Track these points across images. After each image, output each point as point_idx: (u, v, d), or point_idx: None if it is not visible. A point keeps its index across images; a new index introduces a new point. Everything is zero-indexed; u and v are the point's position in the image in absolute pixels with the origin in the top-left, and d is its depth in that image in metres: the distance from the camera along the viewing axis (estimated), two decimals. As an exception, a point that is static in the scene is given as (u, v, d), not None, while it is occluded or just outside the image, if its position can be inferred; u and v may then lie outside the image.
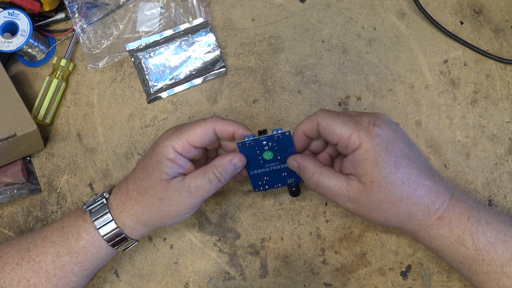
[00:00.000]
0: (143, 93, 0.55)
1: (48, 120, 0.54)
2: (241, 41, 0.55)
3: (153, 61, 0.55)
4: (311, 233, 0.52)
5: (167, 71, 0.55)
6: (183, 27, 0.54)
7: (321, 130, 0.42)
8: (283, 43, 0.55)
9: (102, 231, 0.44)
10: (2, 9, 0.52)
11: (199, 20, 0.54)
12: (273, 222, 0.52)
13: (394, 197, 0.41)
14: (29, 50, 0.54)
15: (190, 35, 0.55)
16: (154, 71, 0.55)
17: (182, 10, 0.55)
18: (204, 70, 0.55)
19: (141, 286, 0.52)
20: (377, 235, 0.52)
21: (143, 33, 0.55)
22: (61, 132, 0.55)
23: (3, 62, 0.52)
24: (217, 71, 0.54)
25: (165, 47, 0.55)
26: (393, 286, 0.51)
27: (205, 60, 0.55)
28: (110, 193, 0.46)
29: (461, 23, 0.55)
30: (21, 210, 0.54)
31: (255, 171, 0.46)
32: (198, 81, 0.54)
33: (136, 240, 0.47)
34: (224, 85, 0.55)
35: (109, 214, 0.44)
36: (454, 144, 0.53)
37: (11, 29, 0.52)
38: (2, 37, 0.51)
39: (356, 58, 0.54)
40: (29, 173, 0.53)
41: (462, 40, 0.54)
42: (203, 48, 0.55)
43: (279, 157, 0.45)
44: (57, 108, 0.55)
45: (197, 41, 0.55)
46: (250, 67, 0.55)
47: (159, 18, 0.55)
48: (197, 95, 0.55)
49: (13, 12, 0.52)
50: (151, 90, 0.55)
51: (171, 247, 0.52)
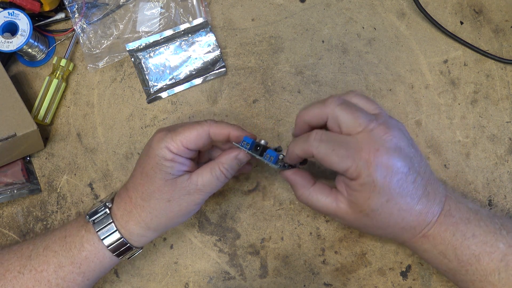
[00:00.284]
0: (143, 93, 0.55)
1: (48, 120, 0.54)
2: (241, 41, 0.55)
3: (153, 61, 0.55)
4: (311, 233, 0.52)
5: (167, 71, 0.55)
6: (183, 27, 0.54)
7: (317, 159, 0.41)
8: (283, 43, 0.55)
9: (107, 242, 0.44)
10: (2, 9, 0.52)
11: (199, 20, 0.54)
12: (273, 222, 0.52)
13: (381, 224, 0.41)
14: (29, 50, 0.54)
15: (190, 35, 0.55)
16: (154, 71, 0.55)
17: (182, 10, 0.55)
18: (204, 70, 0.55)
19: (141, 286, 0.52)
20: (377, 235, 0.52)
21: (143, 33, 0.55)
22: (61, 132, 0.55)
23: (3, 62, 0.51)
24: (217, 71, 0.54)
25: (165, 47, 0.55)
26: (393, 286, 0.51)
27: (205, 60, 0.55)
28: (112, 202, 0.45)
29: (461, 23, 0.55)
30: (21, 210, 0.54)
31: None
32: (198, 81, 0.54)
33: (141, 248, 0.46)
34: (224, 85, 0.55)
35: (113, 224, 0.44)
36: (454, 144, 0.53)
37: (11, 29, 0.52)
38: (2, 37, 0.51)
39: (356, 58, 0.54)
40: (29, 173, 0.53)
41: (462, 40, 0.54)
42: (203, 48, 0.55)
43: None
44: (57, 108, 0.55)
45: (197, 41, 0.55)
46: (250, 67, 0.55)
47: (159, 18, 0.55)
48: (197, 95, 0.55)
49: (13, 12, 0.52)
50: (151, 90, 0.55)
51: (171, 247, 0.52)
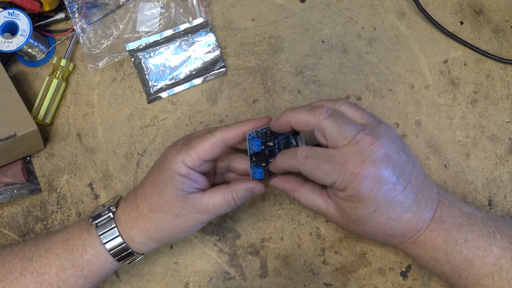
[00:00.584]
0: (143, 93, 0.55)
1: (48, 120, 0.54)
2: (241, 41, 0.55)
3: (153, 61, 0.55)
4: (311, 233, 0.52)
5: (167, 71, 0.55)
6: (183, 27, 0.54)
7: (304, 174, 0.41)
8: (283, 43, 0.55)
9: (108, 246, 0.43)
10: (2, 9, 0.52)
11: (199, 20, 0.54)
12: (273, 222, 0.52)
13: (370, 231, 0.42)
14: (29, 50, 0.54)
15: (190, 35, 0.55)
16: (154, 71, 0.55)
17: (182, 10, 0.55)
18: (204, 70, 0.55)
19: (141, 286, 0.52)
20: (377, 235, 0.52)
21: (143, 33, 0.55)
22: (61, 132, 0.55)
23: (3, 62, 0.51)
24: (217, 71, 0.54)
25: (165, 47, 0.55)
26: (393, 286, 0.51)
27: (205, 60, 0.55)
28: (117, 206, 0.45)
29: (461, 23, 0.55)
30: (21, 210, 0.54)
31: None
32: (198, 81, 0.54)
33: (142, 254, 0.46)
34: (224, 85, 0.55)
35: (116, 229, 0.44)
36: (454, 144, 0.53)
37: (11, 29, 0.52)
38: (2, 37, 0.51)
39: (356, 58, 0.54)
40: (29, 173, 0.53)
41: (462, 40, 0.54)
42: (203, 48, 0.55)
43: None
44: (57, 108, 0.55)
45: (197, 41, 0.55)
46: (250, 67, 0.55)
47: (159, 18, 0.55)
48: (197, 95, 0.55)
49: (13, 12, 0.52)
50: (151, 90, 0.54)
51: (171, 247, 0.52)
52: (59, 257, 0.43)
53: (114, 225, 0.44)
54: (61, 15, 0.56)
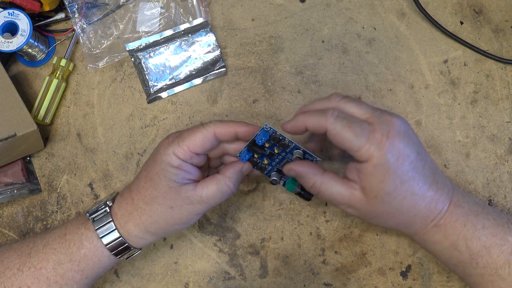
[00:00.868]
0: (143, 93, 0.55)
1: (48, 120, 0.54)
2: (241, 41, 0.55)
3: (153, 61, 0.55)
4: (311, 233, 0.52)
5: (167, 71, 0.55)
6: (183, 27, 0.54)
7: (330, 137, 0.41)
8: (283, 43, 0.55)
9: (105, 240, 0.43)
10: (2, 9, 0.52)
11: (199, 20, 0.54)
12: (273, 222, 0.52)
13: (395, 210, 0.41)
14: (29, 50, 0.54)
15: (190, 35, 0.55)
16: (154, 71, 0.55)
17: (182, 10, 0.55)
18: (204, 70, 0.55)
19: (141, 286, 0.52)
20: (377, 235, 0.52)
21: (143, 33, 0.55)
22: (61, 132, 0.55)
23: (3, 62, 0.51)
24: (217, 71, 0.54)
25: (165, 47, 0.55)
26: (393, 286, 0.51)
27: (205, 60, 0.55)
28: (114, 201, 0.45)
29: (461, 23, 0.55)
30: (21, 210, 0.54)
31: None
32: (198, 81, 0.54)
33: (140, 249, 0.46)
34: (224, 85, 0.55)
35: (112, 223, 0.44)
36: (454, 144, 0.53)
37: (11, 29, 0.52)
38: (2, 37, 0.52)
39: (356, 58, 0.54)
40: (29, 173, 0.53)
41: (462, 40, 0.54)
42: (203, 48, 0.55)
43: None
44: (57, 108, 0.55)
45: (197, 41, 0.55)
46: (250, 67, 0.55)
47: (159, 18, 0.55)
48: (197, 95, 0.55)
49: (13, 12, 0.52)
50: (151, 90, 0.55)
51: (171, 247, 0.52)
52: (57, 252, 0.44)
53: (111, 219, 0.44)
54: (61, 15, 0.56)
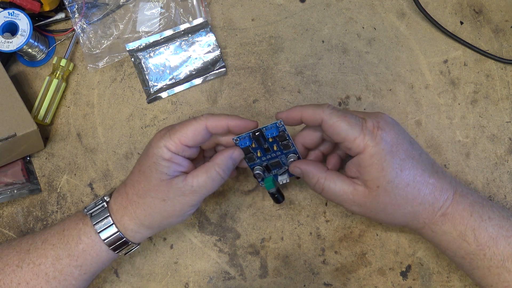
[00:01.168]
0: (143, 93, 0.55)
1: (48, 120, 0.54)
2: (241, 41, 0.55)
3: (153, 61, 0.55)
4: (311, 233, 0.52)
5: (167, 71, 0.55)
6: (183, 27, 0.54)
7: (325, 128, 0.42)
8: (283, 43, 0.55)
9: (103, 235, 0.44)
10: (2, 9, 0.52)
11: (199, 20, 0.54)
12: (273, 222, 0.52)
13: (400, 200, 0.41)
14: (29, 50, 0.54)
15: (190, 35, 0.55)
16: (154, 71, 0.55)
17: (182, 10, 0.55)
18: (204, 70, 0.55)
19: (141, 286, 0.52)
20: (377, 235, 0.52)
21: (143, 33, 0.55)
22: (61, 132, 0.55)
23: (3, 62, 0.51)
24: (217, 71, 0.54)
25: (165, 47, 0.55)
26: (393, 286, 0.51)
27: (205, 60, 0.55)
28: (111, 197, 0.46)
29: (461, 23, 0.55)
30: (21, 210, 0.54)
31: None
32: (198, 81, 0.54)
33: (138, 244, 0.46)
34: (224, 85, 0.55)
35: (110, 218, 0.44)
36: (454, 144, 0.53)
37: (11, 29, 0.52)
38: (2, 37, 0.52)
39: (356, 58, 0.54)
40: (29, 173, 0.53)
41: (462, 40, 0.54)
42: (203, 48, 0.55)
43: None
44: (57, 108, 0.55)
45: (197, 41, 0.55)
46: (250, 67, 0.55)
47: (159, 18, 0.55)
48: (197, 95, 0.55)
49: (13, 12, 0.52)
50: (151, 90, 0.55)
51: (171, 247, 0.52)
52: (55, 247, 0.44)
53: (108, 214, 0.44)
54: (61, 15, 0.56)
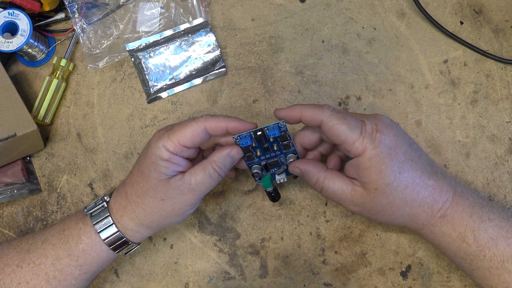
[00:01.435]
0: (143, 93, 0.55)
1: (48, 120, 0.54)
2: (241, 41, 0.55)
3: (153, 61, 0.55)
4: (311, 233, 0.52)
5: (167, 71, 0.55)
6: (183, 27, 0.54)
7: (325, 130, 0.41)
8: (283, 43, 0.55)
9: (103, 235, 0.44)
10: (2, 9, 0.52)
11: (199, 20, 0.54)
12: (273, 222, 0.52)
13: (398, 202, 0.41)
14: (29, 50, 0.54)
15: (190, 35, 0.55)
16: (154, 71, 0.55)
17: (182, 10, 0.55)
18: (204, 70, 0.55)
19: (141, 286, 0.52)
20: (377, 235, 0.52)
21: (143, 33, 0.55)
22: (61, 132, 0.55)
23: (3, 62, 0.51)
24: (217, 71, 0.54)
25: (165, 47, 0.55)
26: (393, 286, 0.51)
27: (205, 60, 0.55)
28: (111, 196, 0.46)
29: (461, 23, 0.55)
30: (21, 210, 0.54)
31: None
32: (198, 81, 0.54)
33: (138, 244, 0.46)
34: (224, 85, 0.55)
35: (110, 218, 0.44)
36: (454, 144, 0.53)
37: (11, 29, 0.52)
38: (2, 37, 0.52)
39: (356, 58, 0.54)
40: (29, 173, 0.53)
41: (462, 40, 0.54)
42: (203, 48, 0.55)
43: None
44: (57, 108, 0.55)
45: (197, 41, 0.55)
46: (250, 67, 0.55)
47: (159, 18, 0.55)
48: (197, 95, 0.55)
49: (13, 12, 0.52)
50: (151, 90, 0.55)
51: (171, 247, 0.52)
52: (55, 247, 0.44)
53: (108, 214, 0.44)
54: (61, 15, 0.56)
